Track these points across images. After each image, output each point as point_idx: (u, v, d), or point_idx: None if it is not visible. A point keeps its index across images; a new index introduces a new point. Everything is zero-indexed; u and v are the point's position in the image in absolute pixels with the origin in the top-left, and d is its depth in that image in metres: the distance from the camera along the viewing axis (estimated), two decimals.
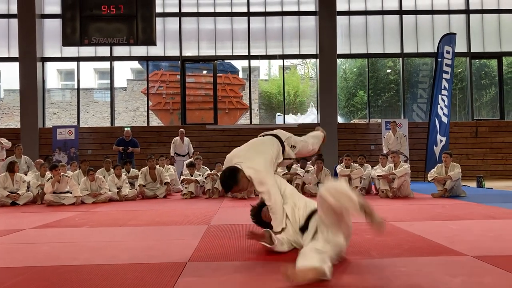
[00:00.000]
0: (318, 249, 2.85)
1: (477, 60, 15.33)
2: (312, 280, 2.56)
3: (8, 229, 5.07)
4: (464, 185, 9.56)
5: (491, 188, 10.04)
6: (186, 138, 12.12)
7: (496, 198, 7.80)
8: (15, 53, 14.42)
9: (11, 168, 8.56)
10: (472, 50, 14.86)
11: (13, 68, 14.48)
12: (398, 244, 3.79)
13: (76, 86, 15.15)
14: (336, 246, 2.99)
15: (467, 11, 14.91)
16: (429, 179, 8.67)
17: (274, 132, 4.12)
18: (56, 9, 14.21)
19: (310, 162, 10.03)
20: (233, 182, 3.60)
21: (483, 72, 15.56)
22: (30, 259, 3.50)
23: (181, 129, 12.26)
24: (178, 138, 12.05)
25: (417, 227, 4.61)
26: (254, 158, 3.72)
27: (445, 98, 12.88)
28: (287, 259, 3.23)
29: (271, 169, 3.76)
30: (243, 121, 15.51)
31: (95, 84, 18.02)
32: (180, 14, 14.75)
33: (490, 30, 15.01)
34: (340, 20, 14.68)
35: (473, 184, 10.82)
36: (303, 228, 3.31)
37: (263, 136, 4.13)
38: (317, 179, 9.12)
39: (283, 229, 3.48)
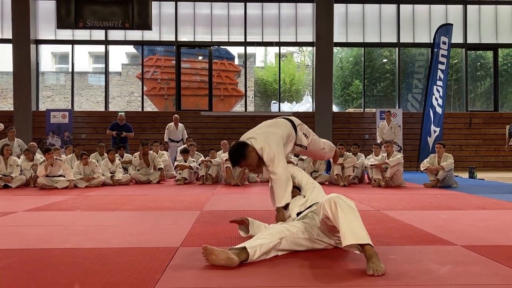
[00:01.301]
0: (262, 238, 2.89)
1: (473, 52, 15.33)
2: (223, 265, 2.66)
3: (0, 212, 5.07)
4: (456, 176, 9.64)
5: (483, 179, 10.12)
6: (180, 124, 12.09)
7: (487, 189, 7.88)
8: (8, 34, 14.26)
9: (2, 151, 8.52)
10: (468, 41, 14.86)
11: (7, 50, 14.33)
12: (389, 232, 3.82)
13: (70, 70, 15.03)
14: (299, 245, 3.02)
15: (464, 2, 14.88)
16: (422, 169, 8.72)
17: (287, 116, 4.12)
18: None
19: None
20: (240, 157, 3.51)
21: (478, 63, 15.58)
22: (21, 242, 3.50)
23: (175, 115, 12.23)
24: (172, 124, 12.03)
25: (408, 216, 4.65)
26: (267, 134, 3.66)
27: (440, 89, 12.91)
28: None
29: (282, 146, 3.68)
30: (238, 108, 15.47)
31: (90, 68, 17.85)
32: None
33: (486, 21, 15.00)
34: (337, 8, 14.62)
35: (465, 175, 10.90)
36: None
37: (276, 118, 4.11)
38: (313, 168, 9.15)
39: (286, 206, 3.43)
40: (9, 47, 14.16)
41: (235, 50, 15.76)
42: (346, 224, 2.67)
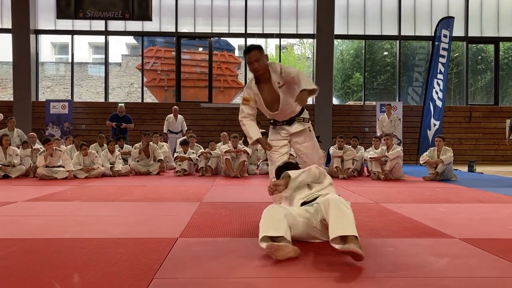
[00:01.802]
0: (282, 220, 2.87)
1: (474, 45, 15.28)
2: (291, 257, 2.67)
3: (0, 201, 5.08)
4: (456, 169, 9.65)
5: (482, 173, 10.14)
6: (179, 116, 12.08)
7: (486, 182, 7.89)
8: (8, 24, 14.19)
9: (0, 141, 8.53)
10: (469, 35, 14.80)
11: (6, 40, 14.26)
12: (387, 225, 3.83)
13: (70, 60, 14.98)
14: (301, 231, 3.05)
15: None
16: (421, 162, 8.72)
17: None
18: None
19: None
20: (257, 47, 3.78)
21: (479, 57, 15.53)
22: (21, 232, 3.51)
23: (175, 106, 12.22)
24: (171, 115, 12.02)
25: (407, 209, 4.66)
26: None
27: (440, 82, 12.88)
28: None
29: None
30: (238, 100, 15.44)
31: (90, 58, 17.78)
32: None
33: (488, 14, 14.93)
34: (339, 0, 14.54)
35: (465, 169, 10.91)
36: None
37: None
38: None
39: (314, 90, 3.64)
40: (8, 37, 14.10)
41: (235, 42, 15.71)
42: (336, 219, 2.69)
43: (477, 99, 15.37)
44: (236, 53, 15.79)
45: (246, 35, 14.69)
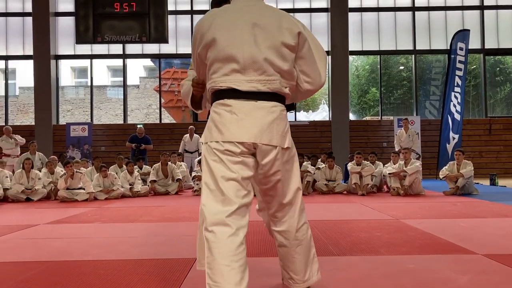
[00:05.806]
0: None
1: (491, 57, 15.13)
2: None
3: (22, 224, 5.17)
4: (477, 183, 9.47)
5: (505, 186, 9.93)
6: (195, 135, 12.18)
7: (510, 196, 7.72)
8: (29, 51, 14.60)
9: (23, 166, 8.74)
10: (486, 47, 14.68)
11: (28, 66, 14.69)
12: (407, 241, 3.78)
13: (89, 84, 15.30)
14: None
15: (481, 7, 14.72)
16: (441, 176, 8.60)
17: None
18: (70, 7, 14.35)
19: (320, 159, 10.02)
20: None
21: (497, 68, 15.37)
22: (43, 254, 3.57)
23: (191, 126, 12.33)
24: (187, 135, 12.13)
25: (427, 225, 4.60)
26: None
27: (458, 95, 12.75)
28: None
29: None
30: None
31: (108, 81, 18.12)
32: (192, 12, 14.80)
33: (504, 26, 14.81)
34: (352, 17, 14.61)
35: (486, 182, 10.71)
36: None
37: None
38: (330, 177, 9.11)
39: None
40: (30, 63, 14.50)
41: None
42: None
43: (496, 111, 15.15)
44: None
45: None
